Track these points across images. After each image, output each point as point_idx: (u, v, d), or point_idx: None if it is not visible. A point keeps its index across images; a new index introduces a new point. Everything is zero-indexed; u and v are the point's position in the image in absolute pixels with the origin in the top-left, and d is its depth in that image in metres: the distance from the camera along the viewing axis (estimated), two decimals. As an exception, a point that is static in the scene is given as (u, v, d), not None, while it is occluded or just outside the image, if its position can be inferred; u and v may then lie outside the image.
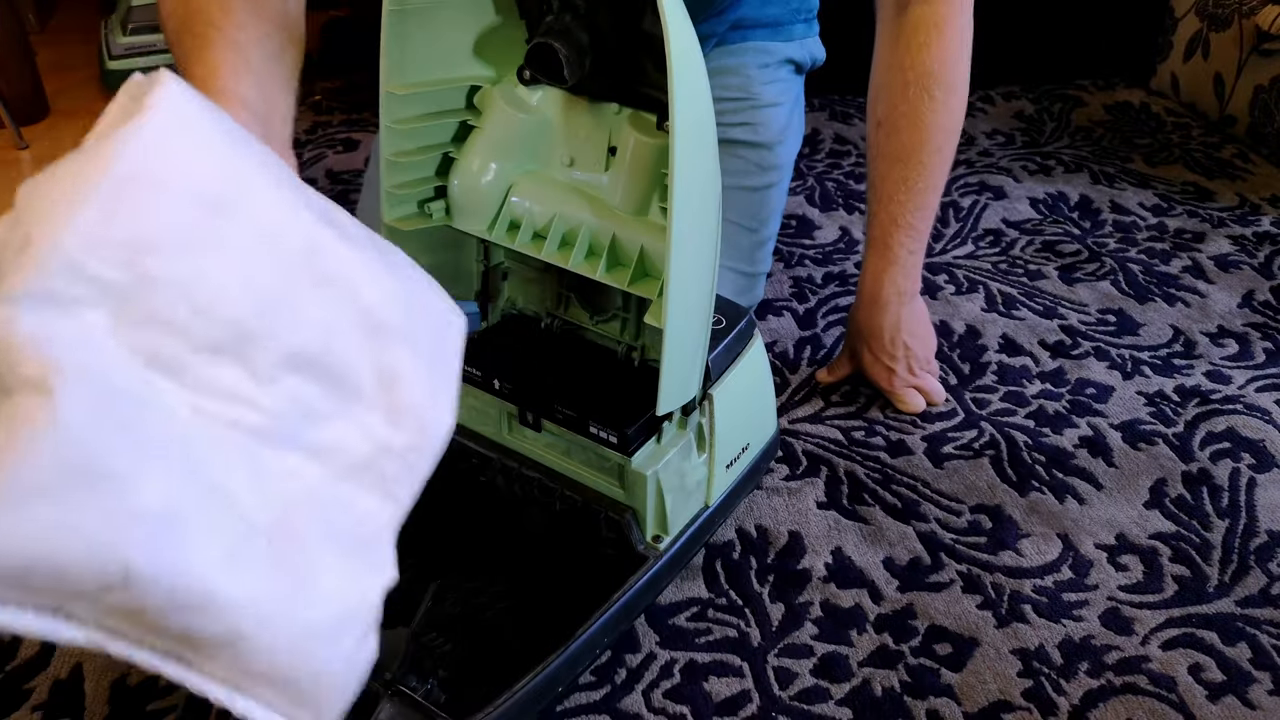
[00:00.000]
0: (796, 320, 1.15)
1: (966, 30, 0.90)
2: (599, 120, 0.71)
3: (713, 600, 0.82)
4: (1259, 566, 0.84)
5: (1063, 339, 1.12)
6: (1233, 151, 1.51)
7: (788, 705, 0.74)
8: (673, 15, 0.57)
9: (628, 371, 0.78)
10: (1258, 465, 0.95)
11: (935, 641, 0.78)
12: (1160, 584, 0.83)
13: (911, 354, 0.99)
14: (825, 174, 1.46)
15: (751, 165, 1.06)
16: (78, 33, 2.05)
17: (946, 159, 0.93)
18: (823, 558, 0.85)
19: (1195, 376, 1.06)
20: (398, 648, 0.64)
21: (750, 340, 0.81)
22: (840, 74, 1.26)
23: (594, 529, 0.77)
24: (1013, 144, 1.54)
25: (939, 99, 0.90)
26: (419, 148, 0.74)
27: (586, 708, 0.73)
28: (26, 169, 1.56)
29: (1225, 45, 1.52)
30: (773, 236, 1.10)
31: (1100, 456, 0.96)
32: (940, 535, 0.88)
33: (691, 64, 0.60)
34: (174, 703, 0.74)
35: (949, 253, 1.27)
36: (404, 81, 0.71)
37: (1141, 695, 0.74)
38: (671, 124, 0.59)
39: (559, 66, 0.66)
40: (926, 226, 0.95)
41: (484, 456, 0.80)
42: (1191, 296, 1.19)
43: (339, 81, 1.80)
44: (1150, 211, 1.36)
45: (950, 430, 0.99)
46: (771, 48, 1.09)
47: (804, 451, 0.96)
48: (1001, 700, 0.74)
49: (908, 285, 0.97)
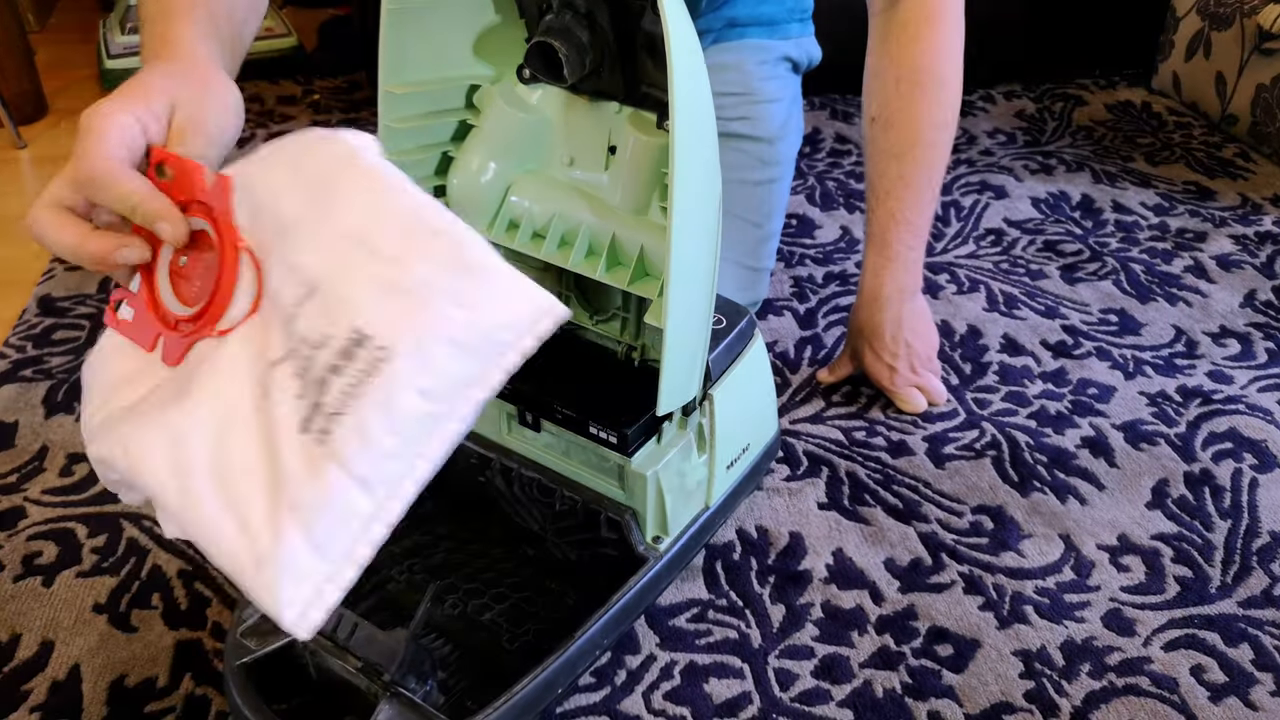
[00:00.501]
0: (797, 320, 1.15)
1: (958, 23, 0.90)
2: (599, 119, 0.71)
3: (713, 601, 0.81)
4: (1261, 567, 0.84)
5: (1064, 339, 1.11)
6: (1234, 151, 1.50)
7: (788, 707, 0.73)
8: (673, 14, 0.57)
9: (628, 371, 0.78)
10: (1260, 465, 0.94)
11: (936, 643, 0.78)
12: (1162, 585, 0.83)
13: (913, 352, 0.99)
14: (826, 173, 1.46)
15: (753, 159, 1.06)
16: (76, 32, 2.05)
17: (942, 153, 0.93)
18: (823, 558, 0.85)
19: (1197, 376, 1.06)
20: (396, 649, 0.64)
21: (751, 340, 0.81)
22: (840, 73, 1.25)
23: (594, 530, 0.77)
24: (1014, 143, 1.54)
25: (931, 92, 0.90)
26: (418, 147, 0.74)
27: (586, 709, 0.73)
28: (25, 168, 1.56)
29: (1227, 44, 1.52)
30: (776, 233, 1.10)
31: (1102, 457, 0.95)
32: (941, 536, 0.87)
33: (692, 63, 0.59)
34: (173, 703, 0.73)
35: (950, 252, 1.27)
36: (403, 80, 0.71)
37: (1143, 696, 0.74)
38: (672, 123, 0.59)
39: (559, 65, 0.66)
40: (925, 223, 0.95)
41: (484, 456, 0.80)
42: (1193, 296, 1.18)
43: (338, 80, 1.80)
44: (1152, 211, 1.36)
45: (951, 430, 0.99)
46: (768, 45, 1.09)
47: (805, 452, 0.96)
48: (1003, 702, 0.74)
49: (908, 282, 0.97)
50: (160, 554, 0.85)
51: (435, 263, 0.44)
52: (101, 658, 0.77)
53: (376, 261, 0.44)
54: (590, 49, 0.66)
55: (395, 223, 0.45)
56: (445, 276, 0.44)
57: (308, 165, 0.48)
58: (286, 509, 0.42)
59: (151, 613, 0.80)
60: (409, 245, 0.44)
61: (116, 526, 0.88)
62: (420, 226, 0.45)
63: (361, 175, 0.46)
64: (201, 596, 0.82)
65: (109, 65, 1.74)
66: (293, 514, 0.42)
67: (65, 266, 1.26)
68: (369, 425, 0.42)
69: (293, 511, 0.42)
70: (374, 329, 0.43)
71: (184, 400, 0.47)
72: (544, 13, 0.68)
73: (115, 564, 0.85)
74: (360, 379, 0.42)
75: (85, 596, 0.82)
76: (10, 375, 1.07)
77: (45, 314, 1.18)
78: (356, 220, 0.45)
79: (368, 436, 0.42)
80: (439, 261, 0.44)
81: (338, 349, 0.43)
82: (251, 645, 0.68)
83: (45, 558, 0.85)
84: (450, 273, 0.44)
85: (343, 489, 0.42)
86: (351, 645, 0.66)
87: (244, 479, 0.44)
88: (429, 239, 0.45)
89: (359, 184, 0.46)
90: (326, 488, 0.42)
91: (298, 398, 0.44)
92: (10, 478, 0.94)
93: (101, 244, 0.52)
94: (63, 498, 0.91)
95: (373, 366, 0.42)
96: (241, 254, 0.50)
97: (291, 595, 0.42)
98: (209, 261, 0.51)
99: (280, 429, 0.43)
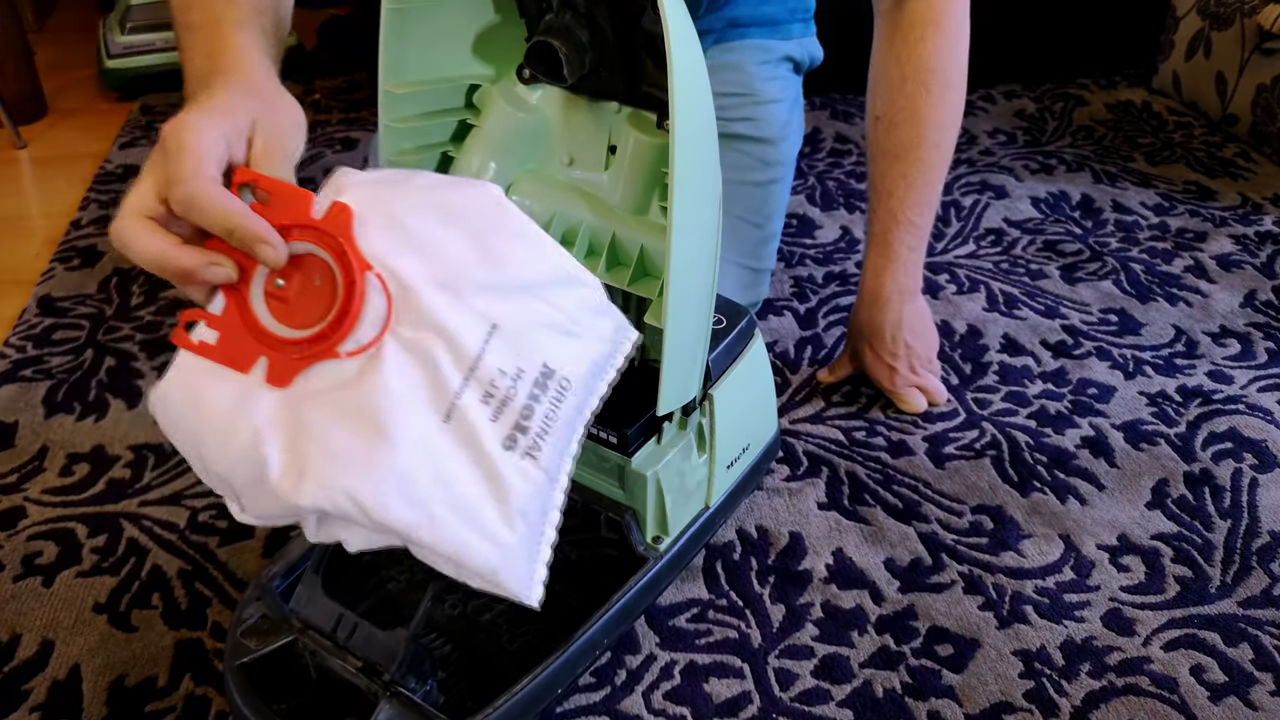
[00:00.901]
0: (797, 320, 1.15)
1: (963, 25, 0.90)
2: (599, 119, 0.71)
3: (713, 601, 0.81)
4: (1261, 567, 0.84)
5: (1064, 339, 1.11)
6: (1234, 151, 1.50)
7: (788, 706, 0.73)
8: (673, 13, 0.57)
9: (628, 371, 0.77)
10: (1260, 465, 0.94)
11: (936, 642, 0.78)
12: (1162, 585, 0.83)
13: (913, 352, 0.99)
14: (826, 173, 1.46)
15: (755, 160, 1.06)
16: (76, 32, 2.05)
17: (945, 155, 0.93)
18: (823, 558, 0.85)
19: (1197, 376, 1.06)
20: (396, 649, 0.64)
21: (751, 340, 0.81)
22: (841, 73, 1.26)
23: (594, 530, 0.77)
24: (1014, 143, 1.54)
25: (936, 93, 0.90)
26: (418, 147, 0.74)
27: (586, 709, 0.73)
28: (25, 168, 1.56)
29: (1227, 44, 1.52)
30: (777, 234, 1.10)
31: (1102, 457, 0.95)
32: (941, 536, 0.87)
33: (692, 62, 0.59)
34: (173, 703, 0.73)
35: (950, 252, 1.27)
36: (403, 80, 0.71)
37: (1143, 696, 0.74)
38: (671, 123, 0.59)
39: (559, 65, 0.66)
40: (927, 223, 0.95)
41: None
42: (1193, 296, 1.18)
43: (338, 80, 1.80)
44: (1152, 211, 1.36)
45: (951, 430, 0.99)
46: (770, 45, 1.09)
47: (805, 452, 0.96)
48: (1003, 701, 0.74)
49: (909, 283, 0.97)
50: (160, 554, 0.85)
51: (581, 307, 0.57)
52: (101, 658, 0.77)
53: (546, 306, 0.55)
54: (590, 49, 0.66)
55: (551, 273, 0.56)
56: (588, 318, 0.57)
57: (463, 210, 0.55)
58: (518, 516, 0.54)
59: (151, 613, 0.80)
60: (563, 293, 0.56)
61: (116, 526, 0.88)
62: (567, 276, 0.57)
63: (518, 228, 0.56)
64: (201, 596, 0.82)
65: (109, 65, 1.74)
66: (522, 519, 0.54)
67: (65, 266, 1.26)
68: (562, 441, 0.56)
69: (522, 517, 0.54)
70: (557, 365, 0.55)
71: (381, 437, 0.51)
72: (544, 12, 0.68)
73: (115, 564, 0.85)
74: (553, 406, 0.55)
75: (85, 596, 0.82)
76: (10, 375, 1.07)
77: (45, 314, 1.18)
78: (525, 271, 0.55)
79: (558, 448, 0.55)
80: (582, 305, 0.57)
81: (533, 380, 0.54)
82: (251, 645, 0.68)
83: (45, 558, 0.85)
84: (590, 314, 0.57)
85: (548, 491, 0.55)
86: (351, 645, 0.66)
87: (473, 498, 0.53)
88: (573, 287, 0.57)
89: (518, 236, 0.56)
90: (540, 493, 0.55)
91: (492, 421, 0.53)
92: (10, 478, 0.94)
93: (192, 259, 0.52)
94: (63, 498, 0.91)
95: (560, 395, 0.55)
96: (370, 279, 0.52)
97: (534, 578, 0.55)
98: (317, 284, 0.53)
99: (486, 450, 0.53)
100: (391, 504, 0.51)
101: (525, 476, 0.54)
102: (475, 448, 0.53)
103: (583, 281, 0.57)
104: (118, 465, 0.95)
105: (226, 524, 0.88)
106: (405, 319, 0.53)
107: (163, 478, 0.94)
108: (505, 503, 0.53)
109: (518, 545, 0.54)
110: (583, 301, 0.57)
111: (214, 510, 0.89)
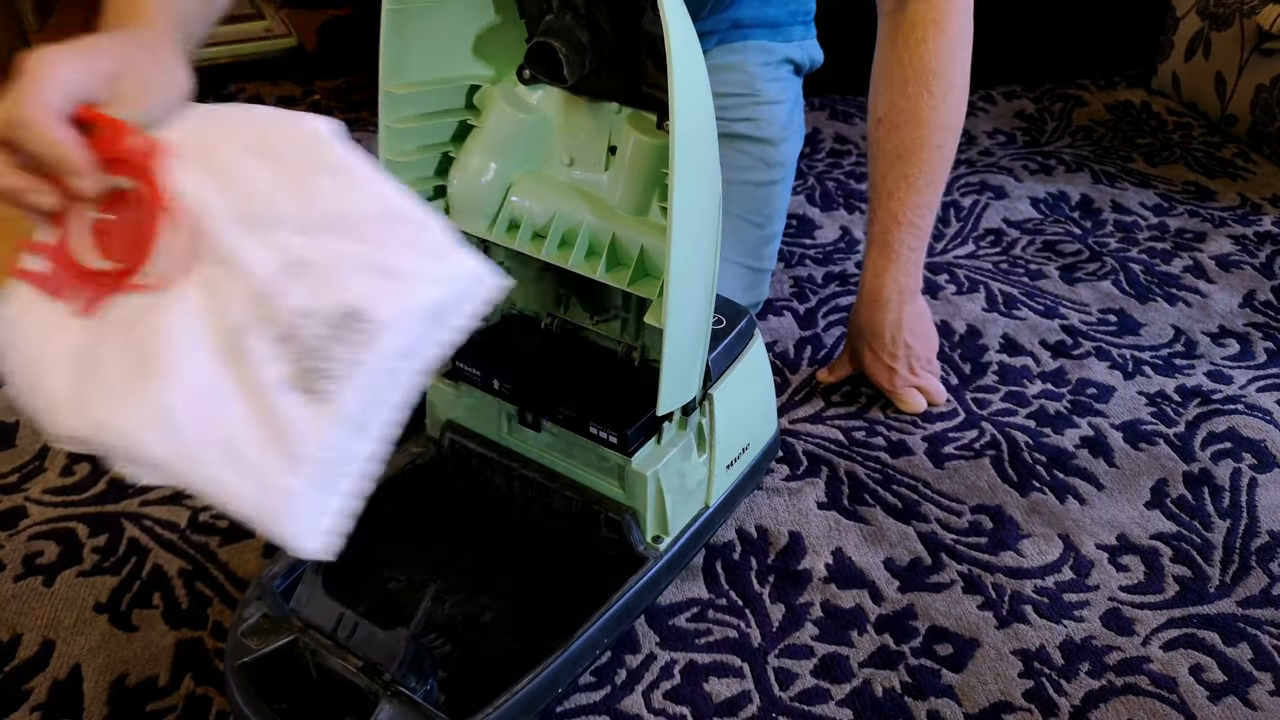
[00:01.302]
0: (797, 320, 1.15)
1: (966, 26, 0.90)
2: (599, 119, 0.71)
3: (713, 601, 0.81)
4: (1260, 567, 0.84)
5: (1064, 339, 1.11)
6: (1234, 151, 1.50)
7: (788, 706, 0.73)
8: (673, 14, 0.57)
9: (628, 371, 0.78)
10: (1259, 465, 0.94)
11: (936, 642, 0.78)
12: (1161, 584, 0.83)
13: (913, 353, 0.99)
14: (826, 173, 1.46)
15: (756, 160, 1.06)
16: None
17: (947, 156, 0.93)
18: (823, 558, 0.85)
19: (1196, 376, 1.06)
20: (396, 649, 0.64)
21: (750, 340, 0.81)
22: (840, 74, 1.25)
23: (594, 529, 0.77)
24: (1014, 143, 1.54)
25: (938, 95, 0.90)
26: (418, 147, 0.74)
27: (586, 708, 0.73)
28: (26, 168, 1.56)
29: (1226, 45, 1.52)
30: (778, 234, 1.10)
31: (1101, 457, 0.96)
32: (941, 536, 0.87)
33: (692, 63, 0.60)
34: (173, 703, 0.73)
35: (950, 252, 1.27)
36: (403, 81, 0.71)
37: (1142, 696, 0.74)
38: (671, 123, 0.59)
39: (559, 65, 0.66)
40: (927, 224, 0.95)
41: (484, 456, 0.80)
42: (1192, 296, 1.19)
43: (338, 80, 1.80)
44: (1151, 211, 1.36)
45: (951, 430, 0.99)
46: (771, 47, 1.09)
47: (804, 452, 0.96)
48: (1002, 701, 0.74)
49: (909, 283, 0.97)
50: (161, 554, 0.86)
51: (408, 246, 0.53)
52: (102, 657, 0.77)
53: (359, 245, 0.52)
54: (590, 49, 0.66)
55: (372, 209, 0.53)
56: (416, 258, 0.52)
57: (280, 145, 0.53)
58: (300, 460, 0.50)
59: (152, 612, 0.81)
60: (385, 230, 0.52)
61: (117, 526, 0.88)
62: (392, 213, 0.53)
63: (337, 162, 0.53)
64: (202, 596, 0.82)
65: (109, 65, 1.74)
66: (306, 464, 0.50)
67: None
68: (366, 385, 0.51)
69: (306, 462, 0.50)
70: (365, 305, 0.50)
71: (151, 371, 0.50)
72: (544, 13, 0.68)
73: (116, 563, 0.85)
74: (358, 349, 0.50)
75: (86, 596, 0.82)
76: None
77: (46, 314, 1.17)
78: (338, 207, 0.52)
79: (365, 394, 0.51)
80: (410, 245, 0.53)
81: (329, 320, 0.50)
82: (252, 645, 0.68)
83: (46, 557, 0.85)
84: (420, 255, 0.53)
85: (347, 437, 0.51)
86: (351, 645, 0.66)
87: (244, 438, 0.50)
88: (400, 225, 0.53)
89: (336, 172, 0.53)
90: (333, 439, 0.51)
91: (278, 360, 0.50)
92: (11, 477, 0.94)
93: (17, 181, 0.52)
94: (63, 497, 0.92)
95: (366, 337, 0.50)
96: (170, 212, 0.52)
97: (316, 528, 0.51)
98: (135, 219, 0.53)
99: (270, 389, 0.50)
100: (146, 438, 0.50)
101: (313, 420, 0.50)
102: (254, 386, 0.50)
103: (416, 221, 0.53)
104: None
105: (227, 524, 0.88)
106: (201, 254, 0.52)
107: (163, 478, 0.94)
108: (283, 445, 0.50)
109: (298, 490, 0.51)
110: (411, 241, 0.53)
111: (215, 510, 0.90)
